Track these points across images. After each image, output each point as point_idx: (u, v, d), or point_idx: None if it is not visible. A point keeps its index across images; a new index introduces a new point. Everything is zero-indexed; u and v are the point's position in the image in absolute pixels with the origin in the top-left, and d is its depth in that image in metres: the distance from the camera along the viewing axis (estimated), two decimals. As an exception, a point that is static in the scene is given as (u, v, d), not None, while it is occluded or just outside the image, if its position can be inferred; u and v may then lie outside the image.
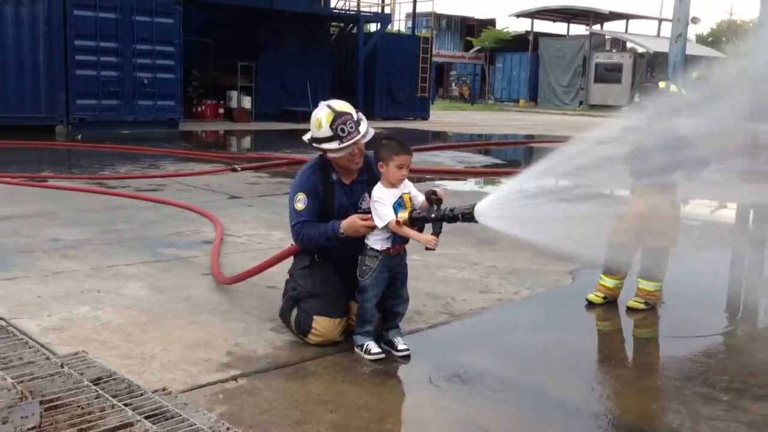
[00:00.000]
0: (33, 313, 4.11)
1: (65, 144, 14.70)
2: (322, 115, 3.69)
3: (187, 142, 16.05)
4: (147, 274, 5.04)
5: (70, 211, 7.21)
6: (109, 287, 4.66)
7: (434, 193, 3.57)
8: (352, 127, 3.65)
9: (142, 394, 2.31)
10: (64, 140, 15.21)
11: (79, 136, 15.15)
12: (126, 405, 2.19)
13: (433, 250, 3.58)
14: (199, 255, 5.60)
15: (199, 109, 22.06)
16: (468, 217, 3.52)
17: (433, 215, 3.57)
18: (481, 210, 3.49)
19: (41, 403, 2.06)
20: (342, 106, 3.74)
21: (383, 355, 3.67)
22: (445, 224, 3.58)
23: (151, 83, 16.74)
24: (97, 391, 2.16)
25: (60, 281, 4.76)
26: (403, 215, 3.59)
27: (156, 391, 2.47)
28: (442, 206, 3.57)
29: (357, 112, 3.75)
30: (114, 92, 16.29)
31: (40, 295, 4.44)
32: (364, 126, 3.71)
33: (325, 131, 3.67)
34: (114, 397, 2.22)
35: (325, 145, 3.70)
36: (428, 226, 3.62)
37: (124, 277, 4.93)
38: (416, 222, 3.61)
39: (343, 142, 3.64)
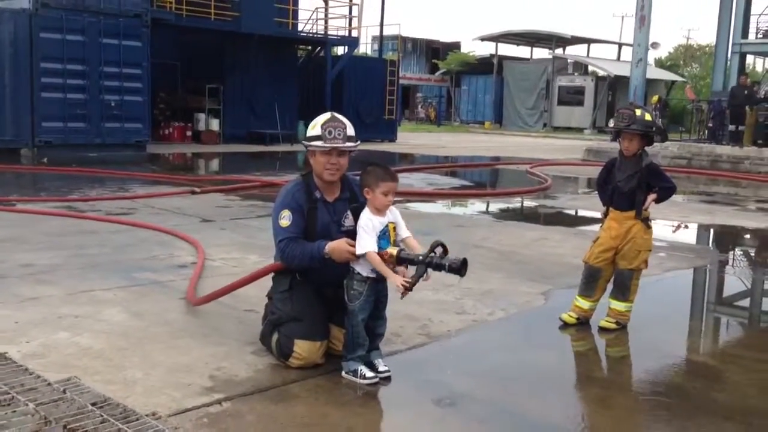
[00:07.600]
0: (11, 339, 4.08)
1: (31, 168, 14.53)
2: (320, 117, 3.89)
3: (156, 165, 15.97)
4: (124, 298, 5.03)
5: (42, 236, 7.15)
6: (87, 312, 4.65)
7: (442, 245, 3.51)
8: (339, 134, 3.80)
9: (138, 419, 2.34)
10: (29, 163, 15.04)
11: (45, 159, 14.98)
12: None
13: (406, 292, 3.54)
14: (175, 279, 5.61)
15: (167, 131, 21.95)
16: (455, 269, 3.44)
17: (420, 257, 3.53)
18: None
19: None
20: (342, 117, 3.91)
21: (378, 379, 3.70)
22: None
23: (119, 106, 16.65)
24: (101, 416, 2.18)
25: (36, 307, 4.73)
26: (392, 252, 3.60)
27: (147, 415, 2.49)
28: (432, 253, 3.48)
29: (354, 131, 3.90)
30: (81, 115, 16.16)
31: (17, 321, 4.41)
32: (351, 143, 3.84)
33: (316, 130, 3.84)
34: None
35: (312, 143, 3.84)
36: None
37: (100, 301, 4.92)
38: (402, 262, 3.60)
39: (325, 143, 3.78)
